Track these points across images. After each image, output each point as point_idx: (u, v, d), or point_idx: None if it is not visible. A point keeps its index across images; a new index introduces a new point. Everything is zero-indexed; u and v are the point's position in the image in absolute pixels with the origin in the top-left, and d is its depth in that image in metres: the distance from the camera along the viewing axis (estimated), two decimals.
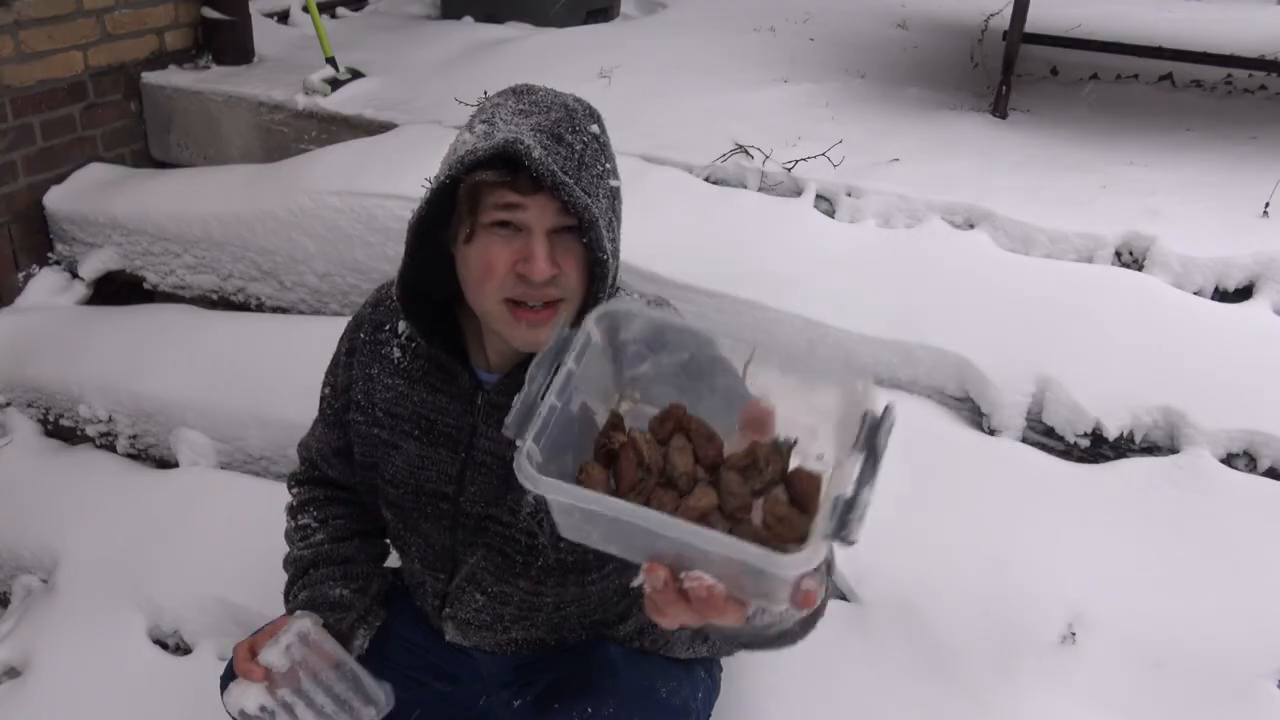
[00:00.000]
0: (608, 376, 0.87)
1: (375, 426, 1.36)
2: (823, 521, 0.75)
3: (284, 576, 1.48)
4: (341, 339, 1.44)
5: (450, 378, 1.30)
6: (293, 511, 1.52)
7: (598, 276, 1.15)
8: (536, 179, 1.08)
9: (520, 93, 1.20)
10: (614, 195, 1.19)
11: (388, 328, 1.37)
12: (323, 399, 1.47)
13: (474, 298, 1.19)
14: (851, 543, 0.73)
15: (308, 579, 1.43)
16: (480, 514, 1.30)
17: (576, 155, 1.13)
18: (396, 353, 1.35)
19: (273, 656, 1.27)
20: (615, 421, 0.84)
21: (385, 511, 1.41)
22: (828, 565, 0.91)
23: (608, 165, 1.18)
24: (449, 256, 1.20)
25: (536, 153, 1.08)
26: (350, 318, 1.45)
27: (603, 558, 1.30)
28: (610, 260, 1.15)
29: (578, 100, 1.20)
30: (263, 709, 1.26)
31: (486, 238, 1.14)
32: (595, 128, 1.18)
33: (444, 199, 1.15)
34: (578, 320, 0.92)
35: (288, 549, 1.50)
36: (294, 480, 1.56)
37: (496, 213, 1.12)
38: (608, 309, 0.85)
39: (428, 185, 1.18)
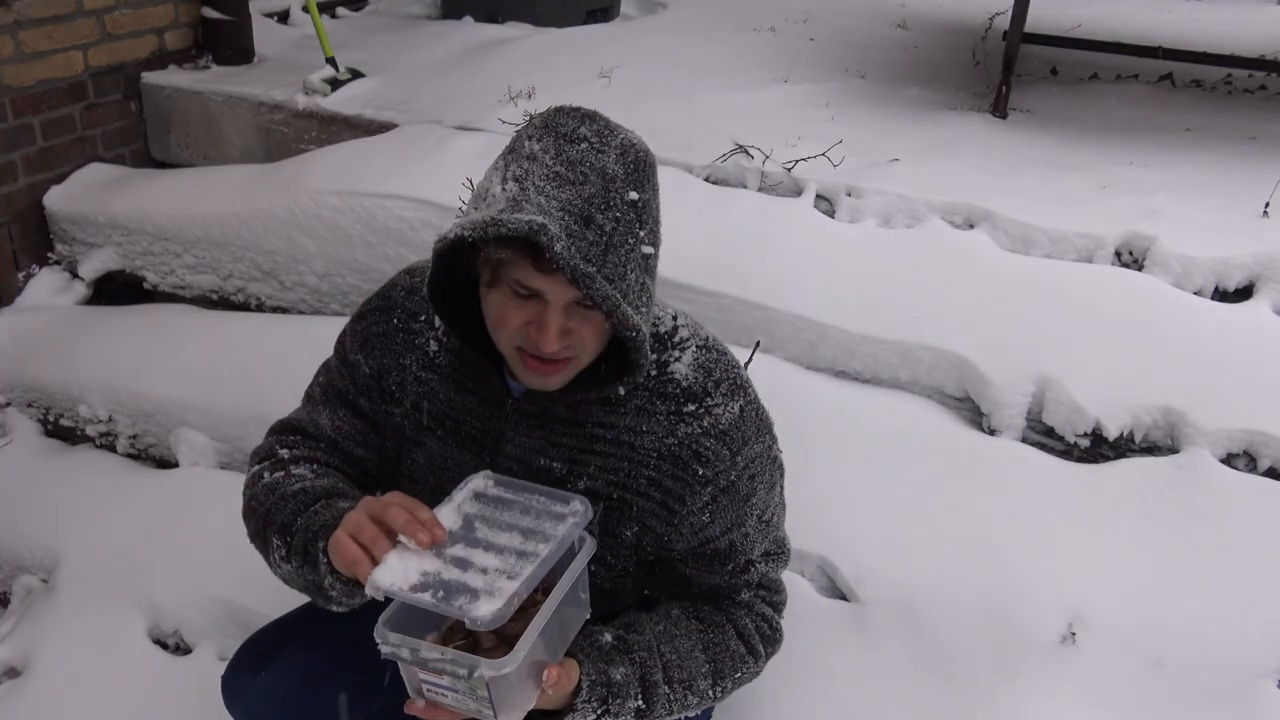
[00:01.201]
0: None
1: (404, 419, 1.35)
2: (522, 644, 1.02)
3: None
4: (369, 317, 1.38)
5: (481, 380, 1.30)
6: (278, 463, 1.33)
7: (632, 346, 1.13)
8: (557, 268, 1.05)
9: (563, 138, 1.10)
10: (645, 260, 1.14)
11: (423, 318, 1.35)
12: (354, 377, 1.37)
13: (492, 334, 1.19)
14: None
15: (326, 503, 1.22)
16: None
17: (605, 238, 1.08)
18: (433, 346, 1.33)
19: (445, 516, 1.10)
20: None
21: None
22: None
23: (641, 233, 1.12)
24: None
25: (559, 245, 1.04)
26: (375, 295, 1.40)
27: (614, 573, 1.31)
28: (640, 333, 1.12)
29: (621, 157, 1.11)
30: (425, 575, 1.03)
31: (504, 294, 1.14)
32: (634, 194, 1.10)
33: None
34: (630, 375, 1.18)
35: (258, 499, 1.29)
36: (280, 445, 1.39)
37: (516, 284, 1.11)
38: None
39: (468, 185, 1.16)
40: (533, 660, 1.05)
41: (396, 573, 1.03)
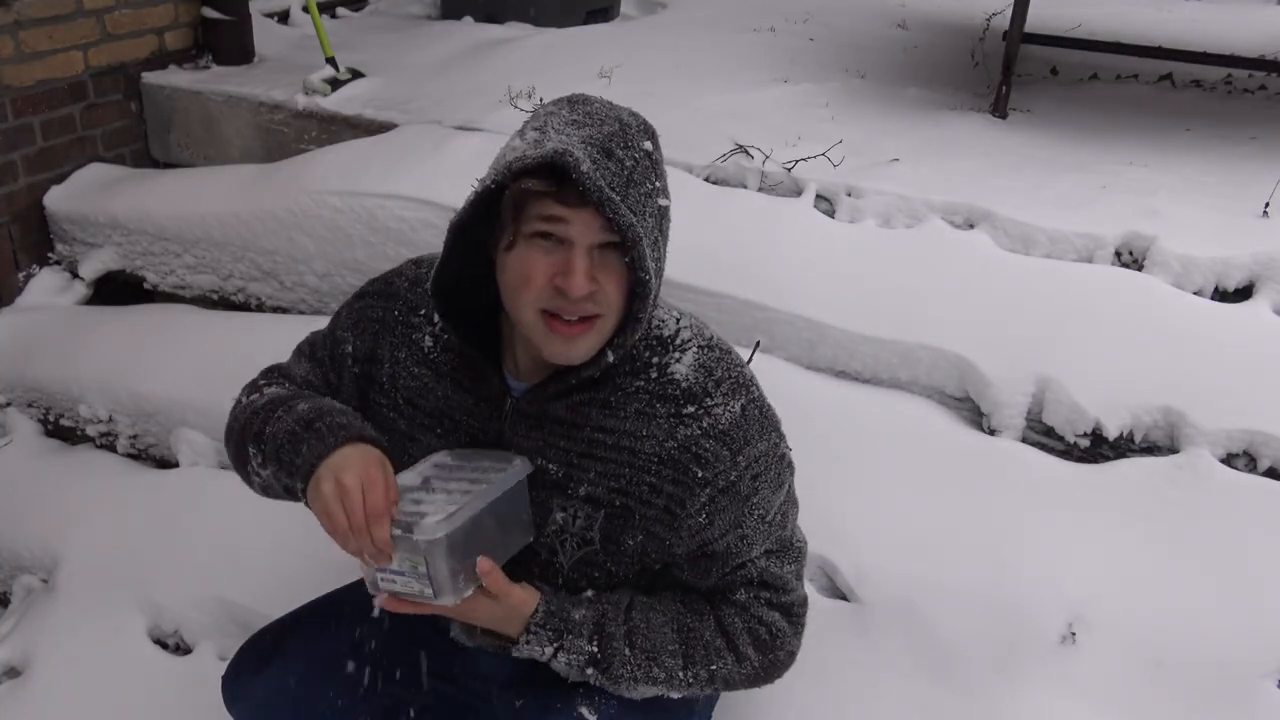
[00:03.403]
0: None
1: (394, 413, 1.35)
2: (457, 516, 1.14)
3: (285, 576, 1.47)
4: (368, 299, 1.39)
5: (480, 379, 1.29)
6: (256, 386, 1.41)
7: (639, 295, 1.15)
8: (583, 192, 1.07)
9: (575, 102, 1.18)
10: (661, 214, 1.17)
11: (423, 312, 1.35)
12: (335, 350, 1.40)
13: (511, 305, 1.19)
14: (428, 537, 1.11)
15: (290, 402, 1.29)
16: None
17: (626, 171, 1.11)
18: (428, 341, 1.33)
19: (406, 476, 1.23)
20: None
21: None
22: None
23: (658, 184, 1.16)
24: (490, 260, 1.20)
25: (585, 166, 1.07)
26: (379, 277, 1.42)
27: (615, 581, 1.31)
28: (653, 280, 1.14)
29: (633, 115, 1.19)
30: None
31: (527, 247, 1.14)
32: (648, 144, 1.16)
33: (487, 203, 1.15)
34: (622, 335, 1.18)
35: (235, 419, 1.36)
36: (263, 377, 1.45)
37: (540, 223, 1.12)
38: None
39: (476, 186, 1.17)
40: (471, 553, 1.16)
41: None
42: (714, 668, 1.29)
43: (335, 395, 1.39)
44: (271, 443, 1.25)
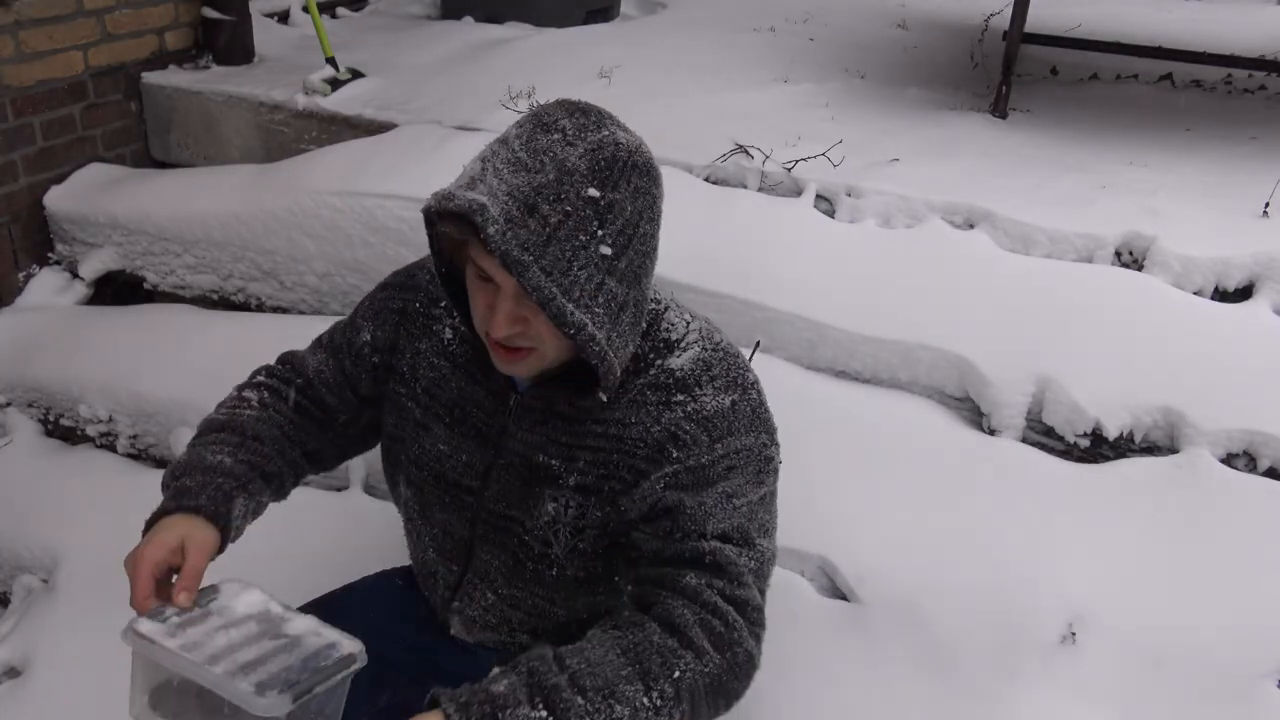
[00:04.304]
0: None
1: (412, 401, 1.37)
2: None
3: (283, 576, 1.47)
4: (390, 290, 1.43)
5: (489, 372, 1.30)
6: (242, 386, 1.44)
7: (578, 345, 1.10)
8: (490, 252, 1.06)
9: (540, 127, 1.10)
10: (604, 262, 1.09)
11: (443, 304, 1.37)
12: (353, 338, 1.43)
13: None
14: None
15: (203, 439, 1.34)
16: (501, 513, 1.31)
17: (548, 230, 1.05)
18: (448, 333, 1.35)
19: (243, 600, 1.24)
20: None
21: (404, 490, 1.42)
22: None
23: (599, 232, 1.07)
24: None
25: (493, 229, 1.03)
26: (403, 269, 1.44)
27: (611, 573, 1.31)
28: (590, 329, 1.09)
29: (592, 154, 1.08)
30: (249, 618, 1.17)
31: (470, 275, 1.17)
32: (594, 191, 1.07)
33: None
34: (605, 379, 1.15)
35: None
36: (266, 370, 1.47)
37: (473, 263, 1.14)
38: None
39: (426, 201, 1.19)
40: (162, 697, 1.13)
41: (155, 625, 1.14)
42: (676, 675, 1.11)
43: (352, 385, 1.43)
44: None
